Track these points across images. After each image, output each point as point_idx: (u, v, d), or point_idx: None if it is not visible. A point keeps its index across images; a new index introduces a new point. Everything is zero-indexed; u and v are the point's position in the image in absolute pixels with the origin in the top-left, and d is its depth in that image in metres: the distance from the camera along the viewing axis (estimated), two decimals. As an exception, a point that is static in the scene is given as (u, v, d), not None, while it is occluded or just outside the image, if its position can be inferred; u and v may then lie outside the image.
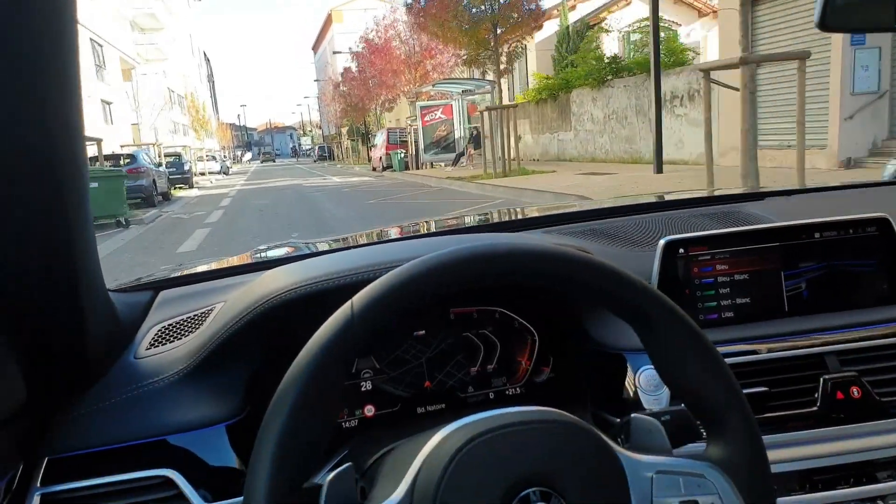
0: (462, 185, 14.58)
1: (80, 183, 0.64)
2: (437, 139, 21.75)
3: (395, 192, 15.39)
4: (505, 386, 0.99)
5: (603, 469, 0.55)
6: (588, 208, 1.45)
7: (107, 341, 0.84)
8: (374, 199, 13.91)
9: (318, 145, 68.54)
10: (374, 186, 18.29)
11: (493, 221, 1.53)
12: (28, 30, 0.53)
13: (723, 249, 0.97)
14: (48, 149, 0.59)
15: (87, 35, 22.49)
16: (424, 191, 14.98)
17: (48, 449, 0.74)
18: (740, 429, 0.58)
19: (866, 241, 0.99)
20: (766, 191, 1.43)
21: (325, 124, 68.25)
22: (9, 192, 0.58)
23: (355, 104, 37.97)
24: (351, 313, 0.52)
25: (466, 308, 0.97)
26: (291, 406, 0.50)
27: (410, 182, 18.24)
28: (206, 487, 0.75)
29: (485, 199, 11.47)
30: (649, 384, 0.87)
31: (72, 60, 0.59)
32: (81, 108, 0.63)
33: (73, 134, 0.61)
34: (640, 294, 0.58)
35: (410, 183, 17.87)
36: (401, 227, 1.62)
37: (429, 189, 15.34)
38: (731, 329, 0.95)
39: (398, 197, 13.97)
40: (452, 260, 0.55)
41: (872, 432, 0.88)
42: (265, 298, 0.82)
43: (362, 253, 0.96)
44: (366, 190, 17.21)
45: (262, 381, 0.84)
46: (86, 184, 0.67)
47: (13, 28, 0.52)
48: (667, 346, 0.59)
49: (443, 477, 0.51)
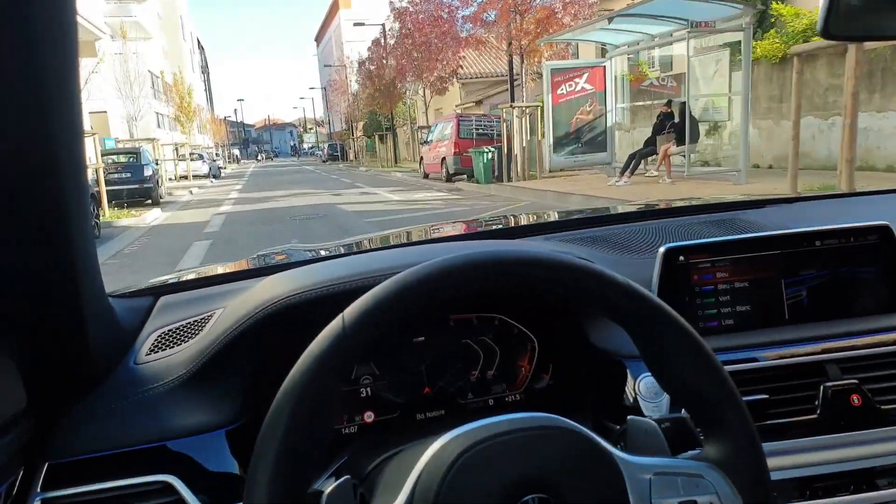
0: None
1: (79, 187, 0.65)
2: (578, 128, 12.42)
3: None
4: (504, 392, 0.99)
5: (602, 474, 0.55)
6: (588, 215, 1.51)
7: (107, 347, 0.84)
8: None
9: (327, 143, 57.86)
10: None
11: (495, 228, 1.53)
12: (28, 30, 0.53)
13: (723, 257, 0.97)
14: (48, 152, 0.59)
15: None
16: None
17: (48, 454, 0.74)
18: (737, 428, 0.58)
19: (867, 249, 1.00)
20: (767, 198, 1.42)
21: (333, 119, 59.49)
22: (8, 196, 0.59)
23: (385, 87, 28.79)
24: (342, 326, 0.52)
25: (466, 314, 0.98)
26: (288, 417, 0.50)
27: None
28: (205, 493, 0.75)
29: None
30: (649, 391, 0.87)
31: (71, 60, 0.59)
32: (81, 111, 0.63)
33: (72, 138, 0.61)
34: (626, 294, 0.58)
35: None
36: (400, 234, 1.63)
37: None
38: (731, 336, 0.95)
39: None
40: (443, 269, 0.55)
41: (873, 440, 0.89)
42: (265, 304, 0.82)
43: (361, 260, 0.97)
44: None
45: (261, 386, 0.83)
46: (86, 188, 0.67)
47: (13, 28, 0.52)
48: (660, 347, 0.59)
49: (442, 484, 0.51)
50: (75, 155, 0.62)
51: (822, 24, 0.91)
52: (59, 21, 0.56)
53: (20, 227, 0.61)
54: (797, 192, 5.48)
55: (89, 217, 0.70)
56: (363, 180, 21.39)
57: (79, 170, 0.64)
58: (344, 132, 51.09)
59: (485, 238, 1.36)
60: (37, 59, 0.54)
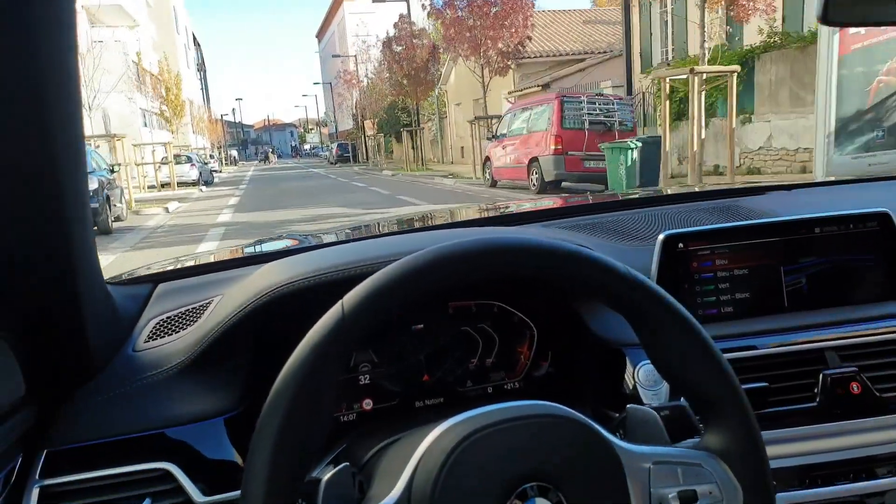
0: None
1: (77, 174, 0.65)
2: (880, 100, 5.88)
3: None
4: (504, 380, 0.99)
5: (600, 462, 0.55)
6: (588, 202, 1.50)
7: (105, 334, 0.84)
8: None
9: (336, 143, 48.44)
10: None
11: (494, 215, 1.51)
12: (28, 29, 0.54)
13: (722, 244, 0.97)
14: (46, 142, 0.59)
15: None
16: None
17: (47, 441, 0.74)
18: (736, 417, 0.58)
19: (867, 237, 0.99)
20: (767, 185, 1.41)
21: (340, 117, 53.01)
22: (7, 185, 0.59)
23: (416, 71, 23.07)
24: (342, 313, 0.52)
25: (465, 302, 0.97)
26: (287, 405, 0.50)
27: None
28: (204, 480, 0.75)
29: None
30: (648, 379, 0.87)
31: (71, 60, 0.60)
32: (81, 105, 0.64)
33: (71, 128, 0.62)
34: (625, 281, 0.57)
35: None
36: (399, 220, 1.64)
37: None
38: (730, 324, 0.95)
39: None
40: (443, 256, 0.54)
41: (872, 428, 0.89)
42: (263, 292, 0.81)
43: (360, 247, 0.96)
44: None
45: (260, 374, 0.83)
46: (84, 175, 0.67)
47: (13, 28, 0.53)
48: (659, 335, 0.59)
49: (440, 473, 0.51)
50: (74, 145, 0.63)
51: (821, 11, 0.91)
52: (59, 21, 0.57)
53: (17, 215, 0.61)
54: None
55: (88, 205, 0.70)
56: (403, 190, 15.35)
57: (77, 158, 0.64)
58: (353, 131, 45.52)
59: (485, 225, 1.34)
60: (36, 59, 0.55)
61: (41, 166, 0.60)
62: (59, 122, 0.60)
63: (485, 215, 1.51)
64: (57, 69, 0.58)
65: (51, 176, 0.61)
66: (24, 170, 0.59)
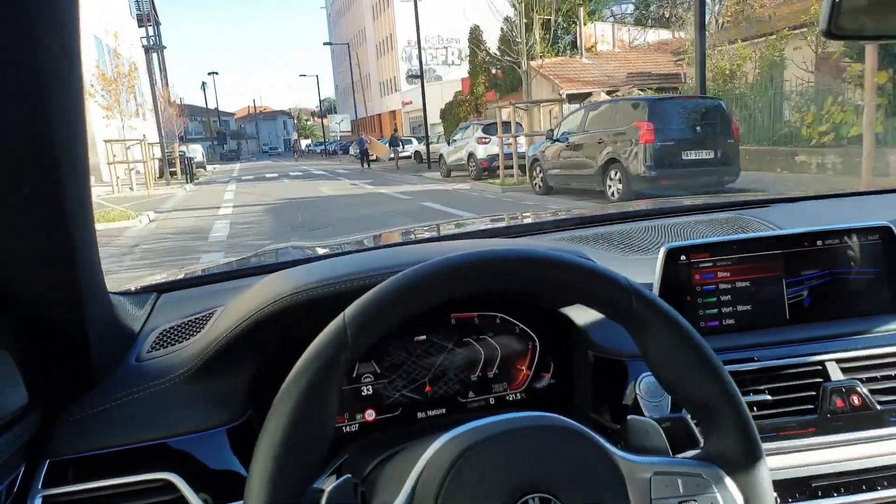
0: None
1: (80, 184, 0.65)
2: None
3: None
4: (505, 391, 1.00)
5: (602, 473, 0.55)
6: (591, 214, 1.48)
7: (108, 344, 0.84)
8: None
9: (359, 137, 31.74)
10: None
11: (497, 227, 1.51)
12: (31, 29, 0.54)
13: (725, 256, 0.97)
14: (50, 150, 0.59)
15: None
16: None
17: (50, 451, 0.74)
18: (737, 428, 0.58)
19: (869, 250, 1.00)
20: (771, 198, 1.42)
21: (365, 95, 40.54)
22: (10, 193, 0.59)
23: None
24: (343, 325, 0.52)
25: (467, 313, 0.97)
26: (289, 416, 0.50)
27: None
28: (207, 491, 0.75)
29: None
30: (650, 391, 0.87)
31: (74, 60, 0.60)
32: (83, 109, 0.63)
33: (74, 135, 0.62)
34: (627, 293, 0.58)
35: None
36: (403, 231, 1.63)
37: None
38: (732, 336, 0.95)
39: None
40: (447, 267, 0.54)
41: (872, 440, 0.89)
42: (266, 303, 0.81)
43: (362, 258, 0.96)
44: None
45: (263, 384, 0.84)
46: (87, 185, 0.67)
47: (15, 28, 0.53)
48: (660, 347, 0.59)
49: (442, 484, 0.51)
50: (77, 152, 0.63)
51: (825, 25, 0.91)
52: (62, 20, 0.57)
53: (21, 225, 0.62)
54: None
55: (91, 214, 0.70)
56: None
57: (80, 167, 0.64)
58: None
59: (487, 237, 1.35)
60: (39, 60, 0.55)
61: (44, 174, 0.60)
62: (63, 131, 0.60)
63: (488, 227, 1.50)
64: (60, 75, 0.58)
65: (53, 184, 0.61)
66: (26, 177, 0.59)
